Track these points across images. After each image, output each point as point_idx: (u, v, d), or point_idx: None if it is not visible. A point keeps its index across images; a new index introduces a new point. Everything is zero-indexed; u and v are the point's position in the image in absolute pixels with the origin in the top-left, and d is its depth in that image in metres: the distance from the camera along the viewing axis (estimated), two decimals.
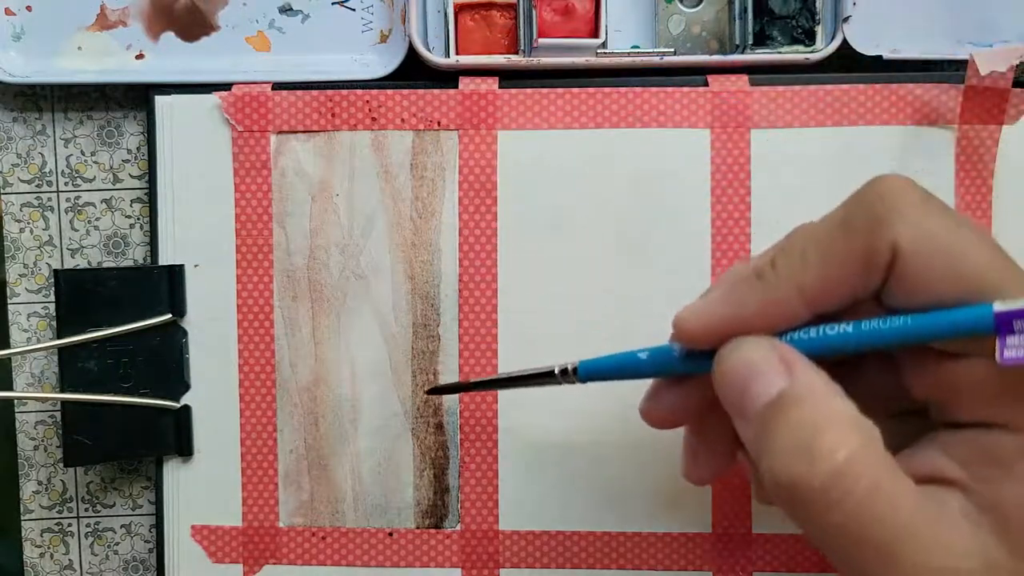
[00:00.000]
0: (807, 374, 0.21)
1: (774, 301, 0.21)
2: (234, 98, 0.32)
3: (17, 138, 0.34)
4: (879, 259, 0.21)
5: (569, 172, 0.32)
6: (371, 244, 0.32)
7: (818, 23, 0.32)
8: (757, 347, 0.21)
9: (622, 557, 0.32)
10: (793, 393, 0.20)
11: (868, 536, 0.19)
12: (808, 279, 0.21)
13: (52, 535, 0.35)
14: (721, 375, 0.22)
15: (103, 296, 0.32)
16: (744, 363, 0.21)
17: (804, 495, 0.19)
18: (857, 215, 0.21)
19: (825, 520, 0.19)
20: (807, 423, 0.20)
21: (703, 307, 0.22)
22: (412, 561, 0.32)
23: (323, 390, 0.33)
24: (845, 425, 0.20)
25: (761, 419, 0.20)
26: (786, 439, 0.20)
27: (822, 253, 0.21)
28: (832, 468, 0.19)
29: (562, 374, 0.26)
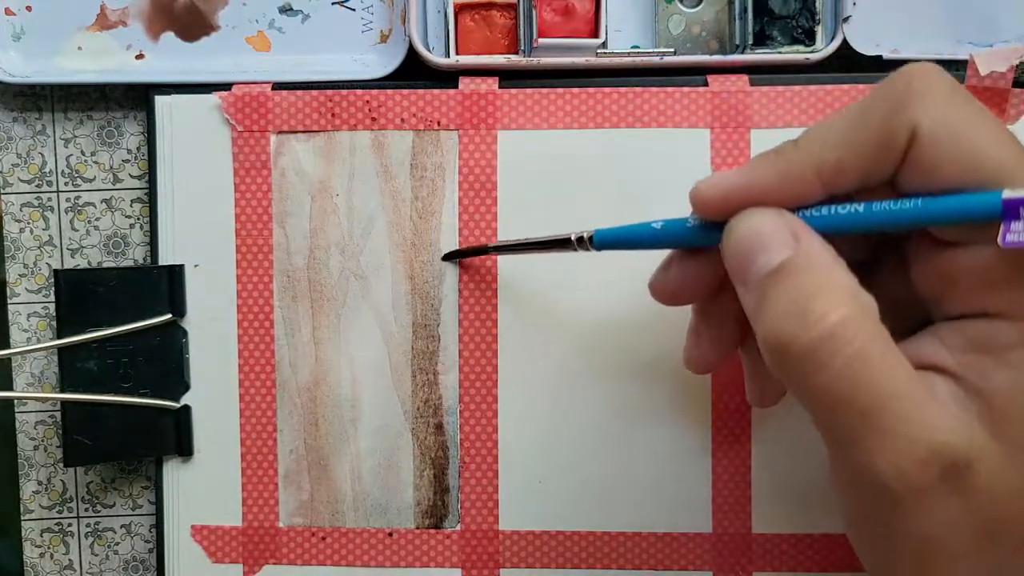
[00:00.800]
0: (812, 245, 0.21)
1: (790, 176, 0.22)
2: (234, 98, 0.32)
3: (17, 138, 0.34)
4: (898, 141, 0.21)
5: (569, 172, 0.32)
6: (371, 244, 0.32)
7: (818, 23, 0.32)
8: (766, 217, 0.22)
9: (622, 557, 0.32)
10: (796, 261, 0.21)
11: (853, 400, 0.19)
12: (827, 156, 0.21)
13: (52, 535, 0.35)
14: (729, 245, 0.22)
15: (103, 296, 0.32)
16: (752, 231, 0.22)
17: (794, 355, 0.20)
18: (882, 97, 0.21)
19: (812, 381, 0.20)
20: (804, 288, 0.20)
21: (720, 177, 0.23)
22: (412, 561, 0.32)
23: (323, 390, 0.33)
24: (841, 292, 0.20)
25: (760, 285, 0.21)
26: (782, 302, 0.20)
27: (844, 132, 0.21)
28: (823, 329, 0.19)
29: (578, 241, 0.26)
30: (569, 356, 0.32)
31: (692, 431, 0.32)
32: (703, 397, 0.32)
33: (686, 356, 0.27)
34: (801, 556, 0.32)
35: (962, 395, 0.21)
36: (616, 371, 0.32)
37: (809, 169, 0.21)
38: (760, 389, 0.26)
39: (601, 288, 0.32)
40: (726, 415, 0.32)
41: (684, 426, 0.32)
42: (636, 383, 0.32)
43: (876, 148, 0.21)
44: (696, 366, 0.27)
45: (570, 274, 0.32)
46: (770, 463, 0.31)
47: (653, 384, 0.32)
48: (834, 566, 0.31)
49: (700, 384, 0.32)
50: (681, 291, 0.26)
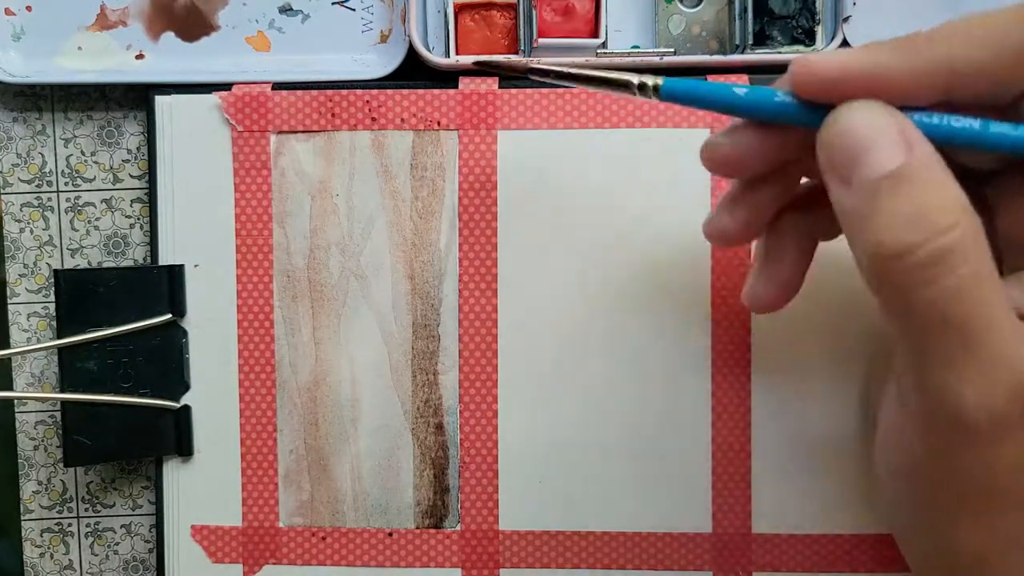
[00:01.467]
0: (927, 154, 0.20)
1: (917, 70, 0.20)
2: (234, 98, 0.32)
3: (17, 138, 0.34)
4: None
5: (569, 172, 0.32)
6: (371, 244, 0.32)
7: (818, 23, 0.32)
8: (879, 113, 0.20)
9: (622, 557, 0.32)
10: (912, 168, 0.20)
11: (957, 317, 0.19)
12: (966, 57, 0.20)
13: (52, 535, 0.35)
14: (833, 135, 0.21)
15: (103, 296, 0.32)
16: (865, 127, 0.20)
17: (906, 266, 0.19)
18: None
19: (920, 295, 0.19)
20: (923, 198, 0.19)
21: (835, 55, 0.21)
22: (412, 561, 0.32)
23: (323, 390, 0.33)
24: (960, 210, 0.19)
25: (873, 188, 0.20)
26: (900, 209, 0.19)
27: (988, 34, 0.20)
28: (944, 243, 0.19)
29: (640, 88, 0.24)
30: (569, 356, 0.32)
31: (692, 431, 0.32)
32: (703, 398, 0.32)
33: (712, 219, 0.25)
34: (801, 556, 0.32)
35: None
36: (616, 372, 0.32)
37: (942, 67, 0.20)
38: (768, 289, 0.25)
39: (601, 288, 0.32)
40: (726, 416, 0.32)
41: (684, 426, 0.32)
42: (636, 384, 0.32)
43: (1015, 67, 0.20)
44: (719, 232, 0.26)
45: (571, 274, 0.32)
46: (770, 462, 0.31)
47: (653, 385, 0.32)
48: (834, 566, 0.31)
49: (700, 385, 0.32)
50: (740, 162, 0.24)
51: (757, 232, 0.25)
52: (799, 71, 0.21)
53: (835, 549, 0.31)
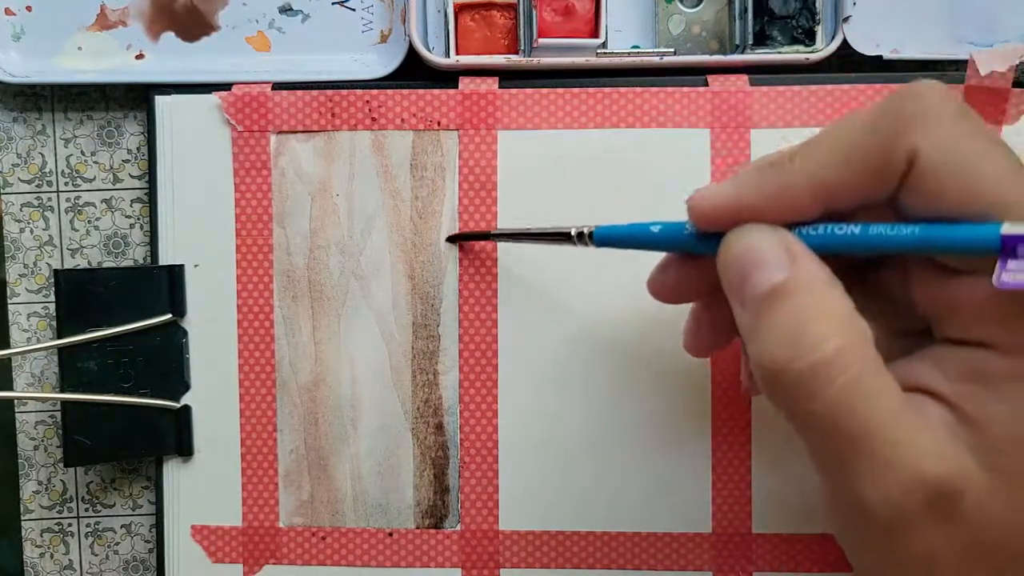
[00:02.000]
0: (808, 266, 0.21)
1: (786, 191, 0.21)
2: (234, 98, 0.32)
3: (17, 138, 0.34)
4: (897, 164, 0.20)
5: (569, 172, 0.32)
6: (371, 244, 0.32)
7: (818, 23, 0.32)
8: (762, 235, 0.21)
9: (621, 557, 0.32)
10: (791, 283, 0.20)
11: (843, 428, 0.19)
12: (824, 173, 0.21)
13: (52, 535, 0.35)
14: (724, 260, 0.22)
15: (103, 296, 0.32)
16: (748, 249, 0.21)
17: (787, 382, 0.20)
18: (884, 116, 0.21)
19: (804, 408, 0.20)
20: (800, 313, 0.20)
21: (715, 189, 0.22)
22: (412, 561, 0.32)
23: (323, 390, 0.33)
24: (837, 319, 0.20)
25: (757, 306, 0.21)
26: (777, 327, 0.20)
27: (842, 149, 0.21)
28: (817, 358, 0.19)
29: (578, 237, 0.27)
30: (569, 356, 0.32)
31: (692, 431, 0.32)
32: (703, 398, 0.32)
33: (685, 340, 0.27)
34: (801, 556, 0.32)
35: (954, 422, 0.20)
36: (616, 371, 0.32)
37: (805, 187, 0.21)
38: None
39: (601, 288, 0.32)
40: (726, 415, 0.32)
41: (684, 426, 0.32)
42: (636, 383, 0.32)
43: (874, 170, 0.21)
44: (695, 351, 0.27)
45: (570, 274, 0.32)
46: (770, 463, 0.31)
47: (653, 384, 0.32)
48: (834, 566, 0.31)
49: (700, 385, 0.32)
50: (679, 291, 0.26)
51: (728, 341, 0.26)
52: (690, 207, 0.23)
53: (835, 549, 0.31)
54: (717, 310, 0.25)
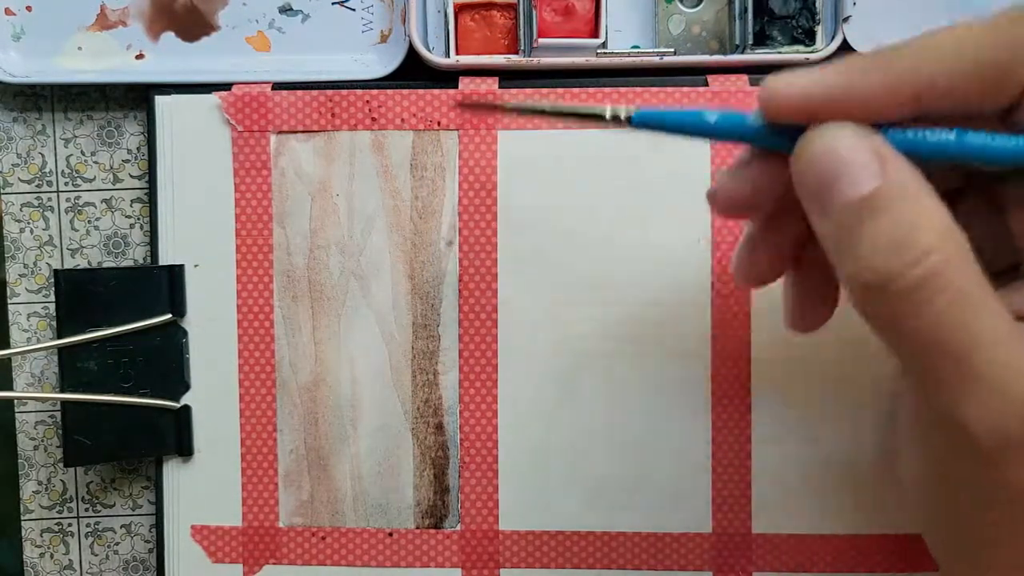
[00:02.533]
0: (902, 173, 0.19)
1: (887, 89, 0.19)
2: (234, 98, 0.32)
3: (17, 138, 0.34)
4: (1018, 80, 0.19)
5: (569, 172, 0.32)
6: (371, 244, 0.32)
7: (818, 23, 0.32)
8: (849, 135, 0.20)
9: (621, 557, 0.32)
10: (887, 191, 0.19)
11: (951, 345, 0.18)
12: (938, 72, 0.19)
13: (52, 535, 0.35)
14: (805, 162, 0.20)
15: (103, 296, 0.32)
16: (834, 152, 0.19)
17: (891, 295, 0.18)
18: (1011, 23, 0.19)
19: (910, 322, 0.19)
20: (902, 222, 0.19)
21: (802, 76, 0.20)
22: (412, 561, 0.32)
23: (323, 390, 0.33)
24: (940, 230, 0.19)
25: (850, 214, 0.19)
26: (878, 237, 0.19)
27: (959, 54, 0.19)
28: (927, 267, 0.18)
29: (614, 119, 0.23)
30: (569, 356, 0.32)
31: (692, 431, 0.32)
32: (703, 397, 0.32)
33: (736, 265, 0.25)
34: (801, 556, 0.32)
35: None
36: (616, 371, 0.32)
37: (910, 86, 0.19)
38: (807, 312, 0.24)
39: (602, 289, 0.32)
40: (726, 415, 0.32)
41: (684, 426, 0.32)
42: (636, 383, 0.32)
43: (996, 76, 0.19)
44: (746, 277, 0.25)
45: (571, 274, 0.32)
46: (770, 463, 0.31)
47: (653, 384, 0.32)
48: (834, 566, 0.31)
49: (700, 384, 0.32)
50: (749, 198, 0.23)
51: (782, 270, 0.24)
52: (764, 96, 0.20)
53: (835, 549, 0.31)
54: (781, 233, 0.23)
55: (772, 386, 0.32)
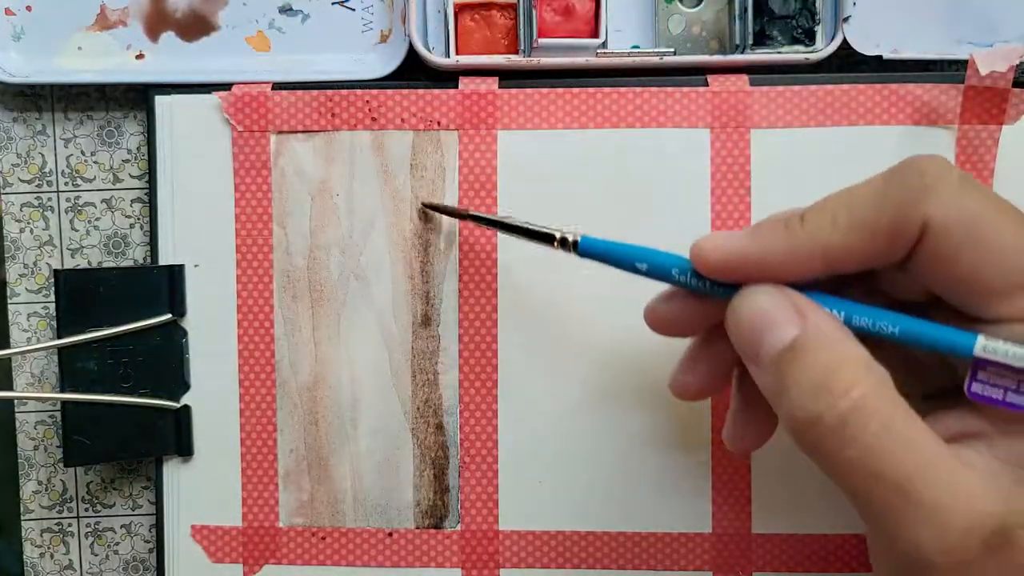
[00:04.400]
0: (820, 320, 0.21)
1: (796, 253, 0.22)
2: (234, 98, 0.32)
3: (17, 138, 0.34)
4: (908, 233, 0.21)
5: (569, 172, 0.32)
6: (371, 244, 0.32)
7: (818, 23, 0.32)
8: (770, 296, 0.22)
9: (622, 557, 0.32)
10: (807, 338, 0.21)
11: (884, 471, 0.19)
12: (834, 241, 0.21)
13: (52, 535, 0.35)
14: (736, 324, 0.22)
15: (103, 296, 0.32)
16: (758, 312, 0.22)
17: (821, 432, 0.20)
18: (893, 187, 0.21)
19: (842, 456, 0.20)
20: (822, 364, 0.20)
21: (725, 241, 0.23)
22: (412, 561, 0.32)
23: (323, 390, 0.33)
24: (859, 366, 0.20)
25: (776, 364, 0.21)
26: (802, 380, 0.20)
27: (852, 219, 0.21)
28: (848, 404, 0.19)
29: (561, 242, 0.26)
30: (569, 356, 0.32)
31: (692, 431, 0.32)
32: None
33: (675, 380, 0.26)
34: (801, 556, 0.32)
35: (995, 460, 0.21)
36: (616, 371, 0.32)
37: (816, 250, 0.22)
38: (742, 430, 0.26)
39: (602, 288, 0.32)
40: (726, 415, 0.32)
41: (684, 426, 0.32)
42: (636, 383, 0.32)
43: (886, 239, 0.21)
44: (683, 392, 0.26)
45: (571, 275, 0.32)
46: (770, 463, 0.31)
47: (653, 384, 0.32)
48: (834, 566, 0.31)
49: None
50: (679, 325, 0.25)
51: (723, 385, 0.26)
52: (694, 254, 0.23)
53: (835, 549, 0.31)
54: (717, 353, 0.25)
55: None
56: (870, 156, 0.31)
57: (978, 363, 0.21)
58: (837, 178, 0.31)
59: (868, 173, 0.30)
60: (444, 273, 0.32)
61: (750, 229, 0.23)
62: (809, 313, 0.21)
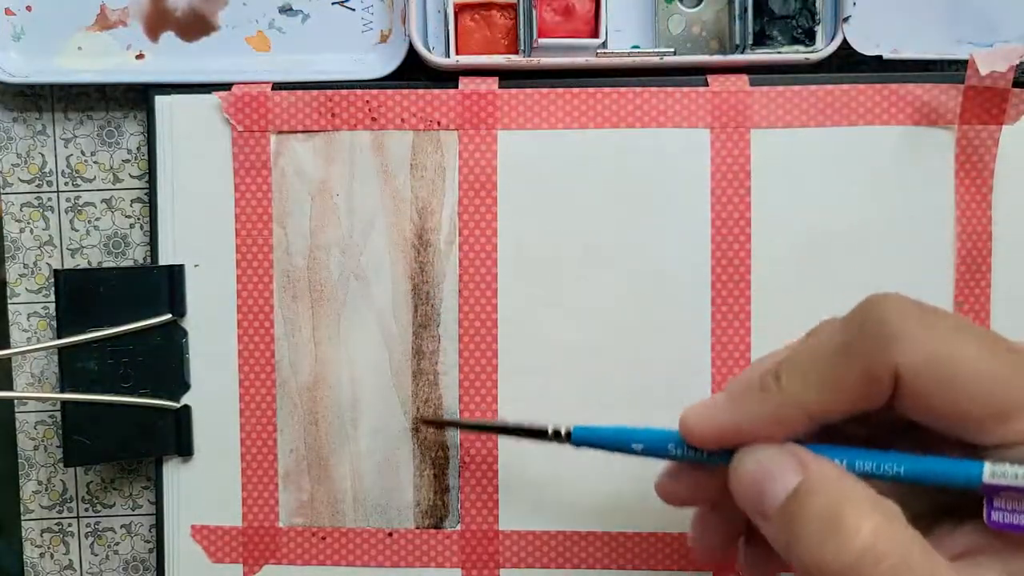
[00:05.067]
0: (819, 465, 0.21)
1: (779, 416, 0.22)
2: (234, 98, 0.32)
3: (17, 138, 0.34)
4: (882, 383, 0.21)
5: (569, 172, 0.32)
6: (371, 244, 0.32)
7: (818, 23, 0.32)
8: (767, 451, 0.22)
9: (622, 557, 0.32)
10: (810, 483, 0.21)
11: None
12: (811, 399, 0.22)
13: (52, 535, 0.35)
14: (738, 483, 0.22)
15: (103, 296, 0.32)
16: (758, 467, 0.22)
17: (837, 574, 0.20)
18: (857, 340, 0.21)
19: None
20: (828, 508, 0.20)
21: (710, 414, 0.23)
22: (412, 561, 0.32)
23: (323, 390, 0.33)
24: (865, 505, 0.20)
25: (782, 515, 0.21)
26: (810, 525, 0.20)
27: (824, 377, 0.22)
28: (859, 546, 0.19)
29: (554, 435, 0.27)
30: (569, 355, 0.32)
31: None
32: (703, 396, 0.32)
33: (692, 541, 0.27)
34: None
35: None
36: (615, 370, 0.32)
37: (797, 411, 0.22)
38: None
39: (601, 288, 0.32)
40: None
41: None
42: (635, 383, 0.32)
43: (860, 390, 0.21)
44: (702, 554, 0.27)
45: (570, 274, 0.32)
46: None
47: (652, 382, 0.32)
48: None
49: (699, 384, 0.32)
50: (689, 497, 0.26)
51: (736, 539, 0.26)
52: (684, 431, 0.23)
53: None
54: (725, 516, 0.25)
55: None
56: (870, 156, 0.31)
57: (990, 490, 0.20)
58: (837, 178, 0.31)
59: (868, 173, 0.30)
60: (444, 273, 0.32)
61: (730, 395, 0.23)
62: (810, 461, 0.21)
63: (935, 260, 0.31)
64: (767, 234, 0.31)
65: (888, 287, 0.32)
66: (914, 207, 0.31)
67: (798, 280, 0.31)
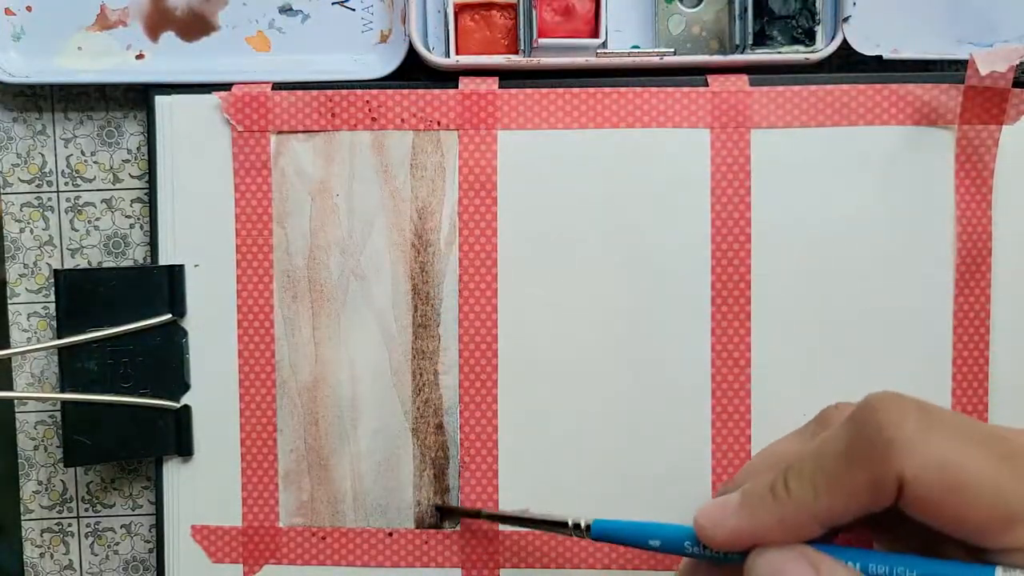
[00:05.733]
0: (832, 567, 0.22)
1: (789, 523, 0.23)
2: (234, 98, 0.32)
3: (17, 138, 0.34)
4: (886, 489, 0.21)
5: (569, 172, 0.32)
6: (371, 244, 0.32)
7: (818, 23, 0.32)
8: (782, 553, 0.23)
9: (621, 557, 0.32)
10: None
11: None
12: (819, 506, 0.22)
13: (52, 535, 0.35)
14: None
15: (103, 296, 0.32)
16: (771, 571, 0.22)
17: None
18: (858, 448, 0.21)
19: None
20: None
21: (723, 518, 0.23)
22: (412, 561, 0.32)
23: (323, 390, 0.33)
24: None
25: None
26: None
27: (831, 484, 0.22)
28: None
29: (574, 527, 0.27)
30: (569, 356, 0.32)
31: (692, 431, 0.32)
32: (702, 397, 0.32)
33: None
34: None
35: None
36: (615, 371, 0.32)
37: (808, 517, 0.22)
38: None
39: (601, 288, 0.32)
40: (725, 415, 0.32)
41: (684, 426, 0.32)
42: (635, 383, 0.32)
43: (866, 496, 0.21)
44: None
45: (570, 274, 0.32)
46: None
47: (652, 384, 0.32)
48: None
49: (700, 384, 0.32)
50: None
51: None
52: (700, 533, 0.24)
53: None
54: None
55: (772, 390, 0.32)
56: (870, 156, 0.31)
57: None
58: (837, 178, 0.31)
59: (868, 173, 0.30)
60: (444, 273, 0.32)
61: (742, 500, 0.23)
62: (822, 565, 0.22)
63: (935, 260, 0.31)
64: (767, 234, 0.31)
65: (888, 287, 0.32)
66: (914, 207, 0.31)
67: (798, 280, 0.31)
